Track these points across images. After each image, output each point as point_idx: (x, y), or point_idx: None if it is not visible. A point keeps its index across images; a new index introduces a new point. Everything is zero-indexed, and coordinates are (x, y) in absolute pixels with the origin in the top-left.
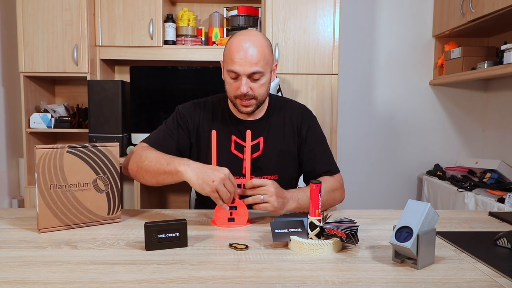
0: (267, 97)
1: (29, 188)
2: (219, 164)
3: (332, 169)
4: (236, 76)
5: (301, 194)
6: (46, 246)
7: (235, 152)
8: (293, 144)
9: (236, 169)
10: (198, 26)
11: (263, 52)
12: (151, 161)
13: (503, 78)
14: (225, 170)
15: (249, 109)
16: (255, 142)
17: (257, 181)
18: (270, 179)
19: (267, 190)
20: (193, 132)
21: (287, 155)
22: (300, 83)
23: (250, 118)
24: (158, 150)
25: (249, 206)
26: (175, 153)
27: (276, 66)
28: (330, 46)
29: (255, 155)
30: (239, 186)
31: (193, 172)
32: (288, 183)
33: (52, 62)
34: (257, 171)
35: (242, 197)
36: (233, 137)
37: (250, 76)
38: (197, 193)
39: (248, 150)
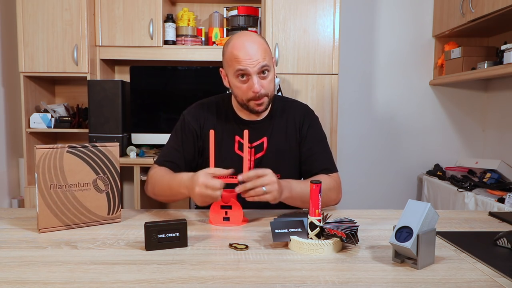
0: None
1: (29, 188)
2: (223, 164)
3: (330, 168)
4: (246, 77)
5: (295, 184)
6: (46, 246)
7: (238, 152)
8: (295, 144)
9: (240, 169)
10: (198, 26)
11: (265, 47)
12: (162, 187)
13: (503, 78)
14: (200, 176)
15: (262, 107)
16: (258, 142)
17: (256, 172)
18: None
19: (269, 179)
20: (200, 137)
21: (290, 155)
22: (300, 83)
23: (254, 119)
24: (168, 168)
25: (243, 205)
26: (184, 166)
27: (275, 61)
28: (330, 46)
29: (259, 155)
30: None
31: (190, 193)
32: None
33: (52, 62)
34: None
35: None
36: (237, 138)
37: (259, 73)
38: None
39: (245, 149)
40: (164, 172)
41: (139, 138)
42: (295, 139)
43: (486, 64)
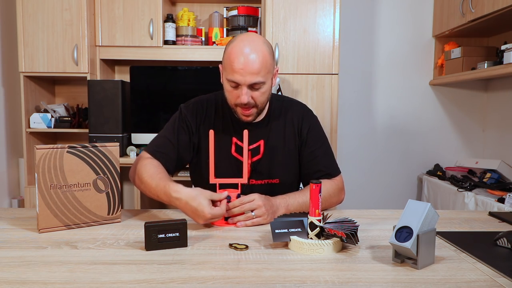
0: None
1: (29, 188)
2: (220, 166)
3: (332, 172)
4: (236, 85)
5: (291, 200)
6: (46, 246)
7: (235, 154)
8: (294, 146)
9: (237, 172)
10: (198, 26)
11: (264, 60)
12: (150, 187)
13: (503, 78)
14: (205, 208)
15: (250, 118)
16: (255, 145)
17: (241, 200)
18: (271, 183)
19: (256, 204)
20: (196, 134)
21: (288, 158)
22: (300, 83)
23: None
24: (159, 158)
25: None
26: (176, 159)
27: (277, 71)
28: (330, 46)
29: (256, 158)
30: (236, 186)
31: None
32: (289, 187)
33: (52, 62)
34: (257, 175)
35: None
36: (234, 139)
37: (251, 86)
38: None
39: (245, 150)
40: (156, 170)
41: (139, 138)
42: (294, 142)
43: (486, 64)
